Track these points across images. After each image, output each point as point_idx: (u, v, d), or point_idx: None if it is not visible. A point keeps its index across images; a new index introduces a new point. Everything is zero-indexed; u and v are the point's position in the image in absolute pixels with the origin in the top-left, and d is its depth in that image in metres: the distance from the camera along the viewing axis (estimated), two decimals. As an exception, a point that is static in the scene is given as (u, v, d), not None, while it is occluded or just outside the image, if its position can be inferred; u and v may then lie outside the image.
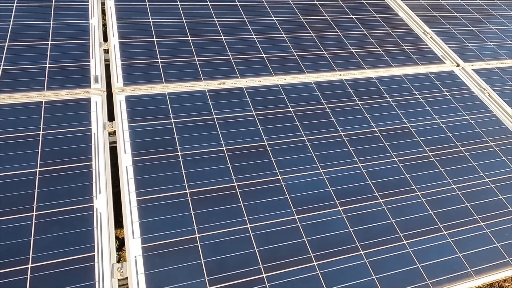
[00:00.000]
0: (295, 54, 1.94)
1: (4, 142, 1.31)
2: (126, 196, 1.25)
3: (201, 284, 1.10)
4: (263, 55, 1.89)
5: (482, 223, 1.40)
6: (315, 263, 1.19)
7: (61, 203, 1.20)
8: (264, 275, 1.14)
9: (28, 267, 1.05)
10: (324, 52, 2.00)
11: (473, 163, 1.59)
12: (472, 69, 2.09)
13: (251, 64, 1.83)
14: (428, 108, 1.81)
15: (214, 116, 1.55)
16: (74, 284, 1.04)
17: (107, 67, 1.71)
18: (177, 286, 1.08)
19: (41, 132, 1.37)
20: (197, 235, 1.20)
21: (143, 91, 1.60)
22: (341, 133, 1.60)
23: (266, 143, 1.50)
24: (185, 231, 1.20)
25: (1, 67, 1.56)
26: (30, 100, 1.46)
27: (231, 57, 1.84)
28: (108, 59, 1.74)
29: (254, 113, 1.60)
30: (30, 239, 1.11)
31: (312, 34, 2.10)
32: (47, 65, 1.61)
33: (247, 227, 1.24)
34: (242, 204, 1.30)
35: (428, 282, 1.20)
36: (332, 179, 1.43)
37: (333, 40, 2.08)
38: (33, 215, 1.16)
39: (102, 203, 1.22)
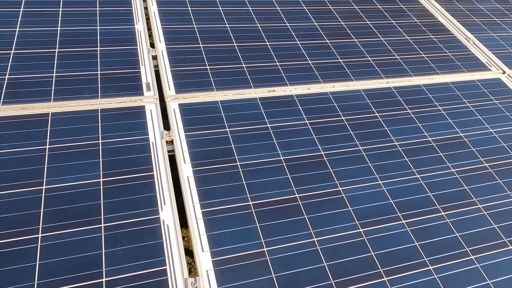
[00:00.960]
0: (340, 61, 1.92)
1: (65, 152, 1.30)
2: (191, 208, 1.23)
3: (275, 300, 1.08)
4: (310, 62, 1.87)
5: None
6: (385, 279, 1.17)
7: (127, 215, 1.18)
8: (336, 291, 1.13)
9: (102, 281, 1.04)
10: (369, 58, 1.97)
11: (530, 175, 1.57)
12: (518, 76, 2.06)
13: (298, 71, 1.81)
14: (479, 116, 1.78)
15: (268, 125, 1.54)
16: (149, 299, 1.03)
17: (156, 74, 1.70)
18: (250, 302, 1.07)
19: (100, 141, 1.36)
20: (265, 249, 1.18)
21: (196, 99, 1.58)
22: (396, 143, 1.58)
23: (322, 153, 1.48)
24: (253, 244, 1.18)
25: (54, 74, 1.56)
26: (86, 108, 1.45)
27: (278, 64, 1.82)
28: (156, 66, 1.73)
29: (307, 121, 1.58)
30: (102, 252, 1.09)
31: (355, 39, 2.07)
32: (99, 72, 1.60)
33: (314, 240, 1.22)
34: (306, 216, 1.28)
35: (499, 299, 1.18)
36: (392, 191, 1.41)
37: (376, 46, 2.06)
38: (101, 227, 1.15)
39: (168, 215, 1.20)
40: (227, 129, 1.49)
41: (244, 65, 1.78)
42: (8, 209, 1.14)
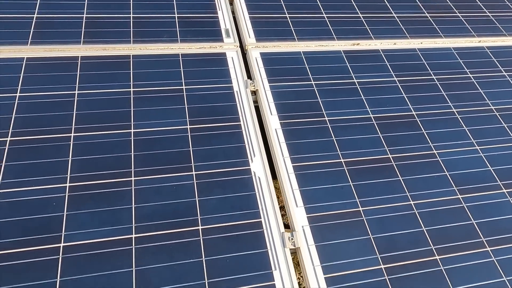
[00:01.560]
0: (427, 15, 1.76)
1: (150, 96, 1.25)
2: (281, 161, 1.18)
3: (374, 262, 1.03)
4: (394, 15, 1.72)
5: None
6: (488, 249, 1.10)
7: (217, 164, 1.14)
8: (437, 257, 1.06)
9: (198, 229, 1.02)
10: (458, 14, 1.79)
11: None
12: None
13: (383, 24, 1.67)
14: None
15: (355, 80, 1.43)
16: (246, 250, 1.00)
17: (234, 21, 1.60)
18: (349, 262, 1.02)
19: (184, 87, 1.30)
20: (360, 209, 1.12)
21: (277, 48, 1.48)
22: (492, 107, 1.45)
23: (414, 113, 1.37)
24: (348, 203, 1.12)
25: (131, 15, 1.49)
26: (166, 52, 1.39)
27: (361, 15, 1.68)
28: (233, 12, 1.63)
29: (395, 79, 1.47)
30: (195, 200, 1.06)
31: (441, -7, 1.89)
32: (176, 15, 1.52)
33: (411, 204, 1.15)
34: (401, 178, 1.20)
35: None
36: (491, 157, 1.30)
37: (466, 1, 1.87)
38: (192, 174, 1.11)
39: (258, 167, 1.15)
40: (312, 82, 1.40)
41: (325, 16, 1.65)
42: (101, 150, 1.12)
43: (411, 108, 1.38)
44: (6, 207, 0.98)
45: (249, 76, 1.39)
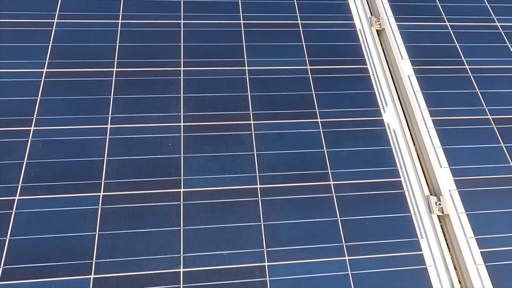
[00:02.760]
0: None
1: (262, 30, 1.09)
2: (418, 113, 1.01)
3: (538, 239, 0.87)
4: None
5: None
6: None
7: (345, 112, 0.98)
8: None
9: (330, 184, 0.89)
10: None
11: None
12: None
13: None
14: None
15: (498, 24, 1.20)
16: (386, 212, 0.86)
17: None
18: (508, 236, 0.87)
19: (299, 22, 1.13)
20: (516, 175, 0.95)
21: (401, -18, 1.27)
22: None
23: None
24: (501, 168, 0.95)
25: None
26: (277, -20, 1.21)
27: None
28: None
29: (546, 24, 1.23)
30: (323, 151, 0.93)
31: None
32: None
33: None
34: (562, 142, 1.01)
35: None
36: None
37: None
38: (318, 122, 0.97)
39: (392, 118, 0.99)
40: (447, 23, 1.18)
41: None
42: (214, 88, 0.97)
43: None
44: (119, 143, 0.88)
45: (371, 13, 1.20)
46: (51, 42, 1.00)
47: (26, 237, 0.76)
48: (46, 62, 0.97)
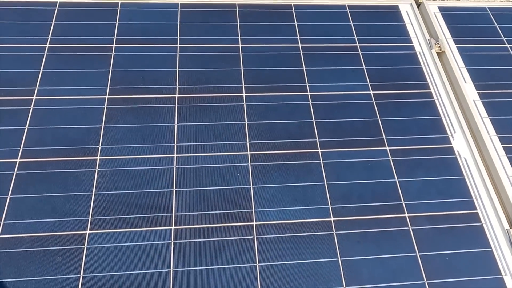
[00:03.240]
0: None
1: (320, 53, 1.06)
2: (488, 141, 0.97)
3: None
4: None
5: None
6: None
7: (413, 139, 0.95)
8: None
9: (405, 216, 0.85)
10: None
11: None
12: None
13: None
14: None
15: (559, 45, 1.18)
16: (465, 247, 0.81)
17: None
18: None
19: (357, 45, 1.11)
20: None
21: (456, 2, 1.24)
22: None
23: None
24: None
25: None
26: (331, 2, 1.19)
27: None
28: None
29: None
30: (395, 181, 0.89)
31: None
32: (333, -41, 1.31)
33: None
34: None
35: None
36: None
37: None
38: (386, 149, 0.93)
39: (462, 145, 0.96)
40: (507, 45, 1.15)
41: (506, -36, 1.37)
42: (278, 115, 0.95)
43: None
44: (186, 173, 0.86)
45: (429, 35, 1.17)
46: (111, 68, 0.98)
47: (98, 274, 0.74)
48: (108, 88, 0.95)
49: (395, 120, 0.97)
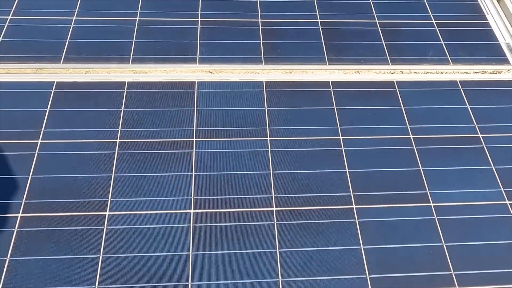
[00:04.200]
0: None
1: (440, 147, 0.86)
2: None
3: None
4: None
5: None
6: None
7: None
8: None
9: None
10: None
11: None
12: None
13: None
14: None
15: None
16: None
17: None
18: None
19: (480, 135, 0.91)
20: None
21: None
22: None
23: None
24: None
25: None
26: (442, 77, 1.01)
27: None
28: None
29: None
30: None
31: None
32: (433, 21, 1.12)
33: None
34: None
35: None
36: None
37: None
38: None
39: None
40: None
41: None
42: (403, 234, 0.77)
43: None
44: None
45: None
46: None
47: None
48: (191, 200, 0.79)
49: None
